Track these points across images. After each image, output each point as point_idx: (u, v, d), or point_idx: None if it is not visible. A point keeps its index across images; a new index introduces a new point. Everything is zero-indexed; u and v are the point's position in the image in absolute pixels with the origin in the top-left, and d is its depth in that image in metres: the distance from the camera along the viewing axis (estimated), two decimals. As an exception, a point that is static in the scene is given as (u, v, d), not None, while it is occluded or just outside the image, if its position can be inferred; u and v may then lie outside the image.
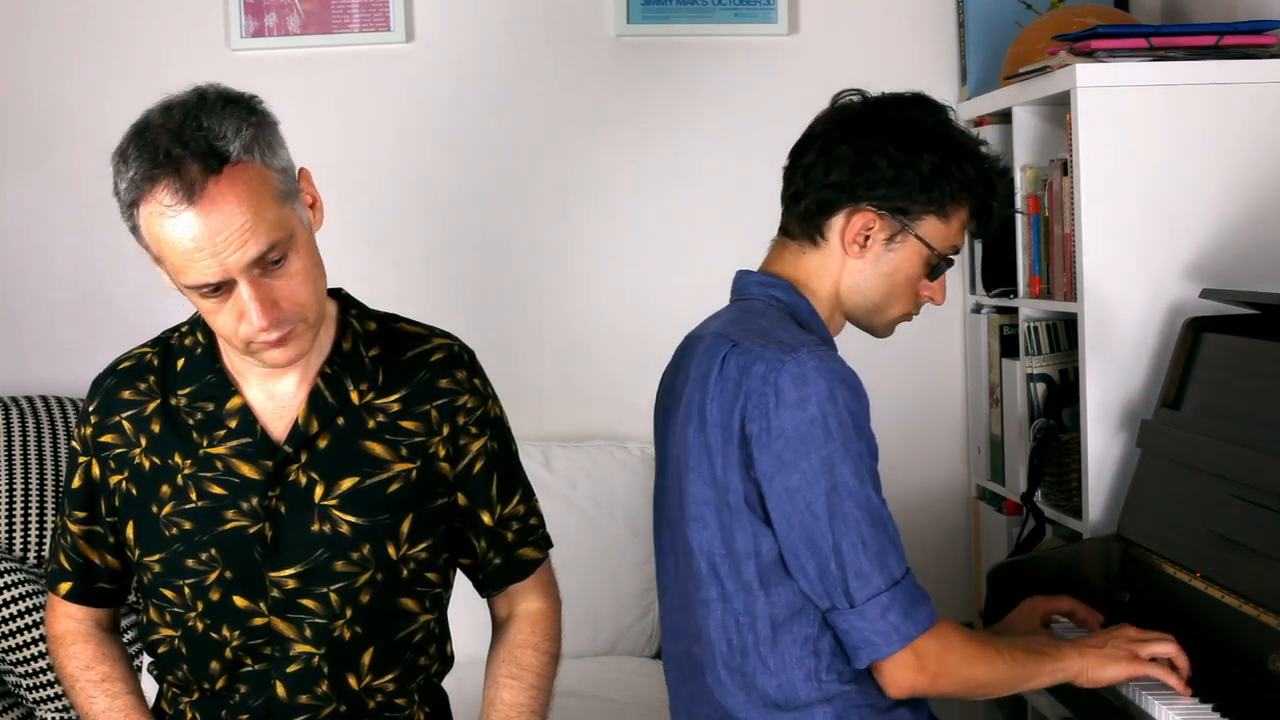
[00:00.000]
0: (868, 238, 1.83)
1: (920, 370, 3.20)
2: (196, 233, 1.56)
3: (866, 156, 1.81)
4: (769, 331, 1.76)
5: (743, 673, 1.76)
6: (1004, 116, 2.78)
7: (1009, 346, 2.88)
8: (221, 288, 1.60)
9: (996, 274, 2.90)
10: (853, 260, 1.85)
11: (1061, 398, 2.63)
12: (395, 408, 1.76)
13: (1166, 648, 1.83)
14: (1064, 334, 2.65)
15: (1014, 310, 2.82)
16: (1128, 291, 2.38)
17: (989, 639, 1.80)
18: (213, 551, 1.73)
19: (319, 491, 1.73)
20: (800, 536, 1.69)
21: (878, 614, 1.67)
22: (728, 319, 1.86)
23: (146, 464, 1.75)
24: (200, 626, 1.75)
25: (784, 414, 1.68)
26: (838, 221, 1.84)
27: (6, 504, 2.79)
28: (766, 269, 1.91)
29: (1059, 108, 2.55)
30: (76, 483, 1.81)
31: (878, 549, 1.68)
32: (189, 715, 1.79)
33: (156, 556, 1.75)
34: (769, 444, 1.69)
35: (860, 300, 1.87)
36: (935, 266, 1.87)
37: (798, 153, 1.89)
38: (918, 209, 1.82)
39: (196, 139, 1.56)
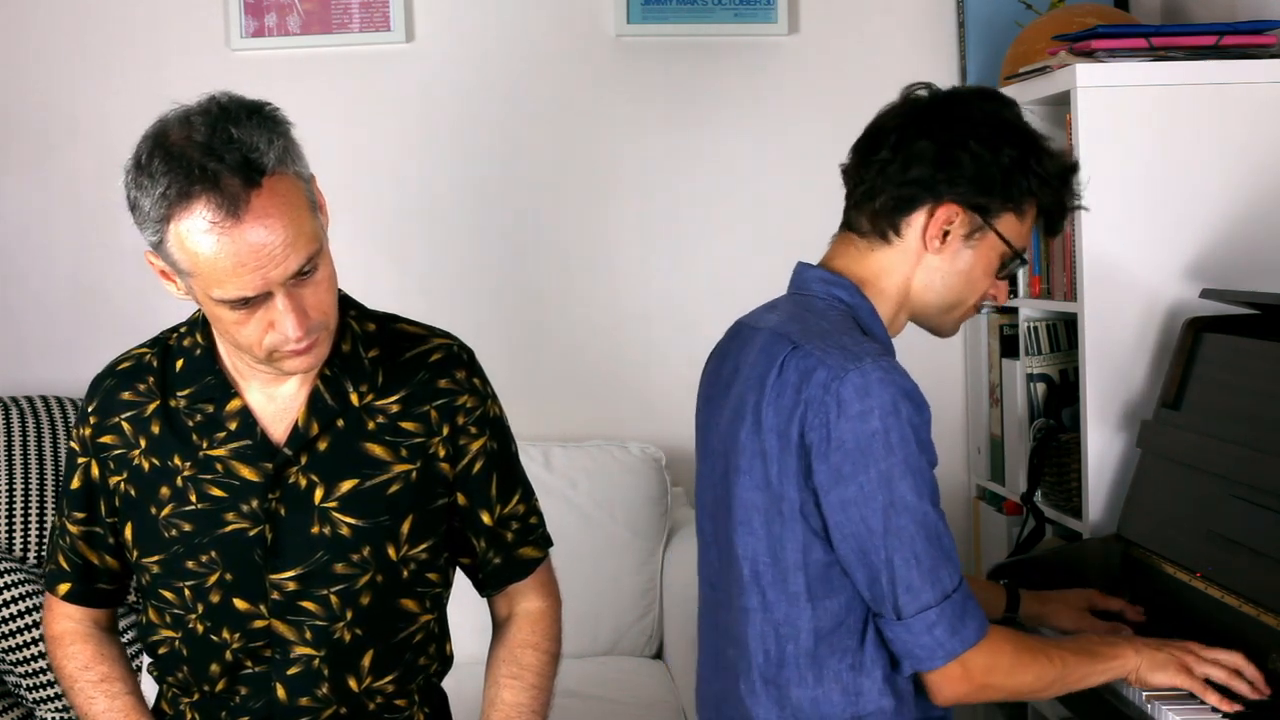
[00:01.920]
0: (948, 233, 1.78)
1: (920, 370, 3.15)
2: (240, 248, 1.54)
3: (949, 151, 1.76)
4: (831, 335, 1.71)
5: (778, 685, 1.73)
6: (1004, 116, 2.78)
7: (1009, 346, 2.87)
8: (252, 300, 1.58)
9: (996, 274, 2.89)
10: (929, 256, 1.79)
11: (1061, 398, 2.63)
12: (395, 409, 1.76)
13: (1220, 672, 1.78)
14: (1064, 334, 2.65)
15: (1014, 310, 2.82)
16: (1128, 291, 2.37)
17: (1038, 644, 1.76)
18: (212, 554, 1.72)
19: (319, 494, 1.73)
20: (852, 547, 1.66)
21: (923, 629, 1.65)
22: (786, 315, 1.79)
23: (146, 465, 1.75)
24: (200, 628, 1.75)
25: (844, 425, 1.64)
26: (918, 218, 1.78)
27: (6, 504, 2.79)
28: (829, 264, 1.85)
29: (1059, 108, 2.55)
30: (75, 483, 1.80)
31: (930, 563, 1.65)
32: (189, 716, 1.79)
33: (156, 558, 1.75)
34: (828, 455, 1.65)
35: (933, 298, 1.83)
36: (1008, 264, 1.83)
37: (867, 149, 1.82)
38: (997, 205, 1.78)
39: (230, 151, 1.53)
